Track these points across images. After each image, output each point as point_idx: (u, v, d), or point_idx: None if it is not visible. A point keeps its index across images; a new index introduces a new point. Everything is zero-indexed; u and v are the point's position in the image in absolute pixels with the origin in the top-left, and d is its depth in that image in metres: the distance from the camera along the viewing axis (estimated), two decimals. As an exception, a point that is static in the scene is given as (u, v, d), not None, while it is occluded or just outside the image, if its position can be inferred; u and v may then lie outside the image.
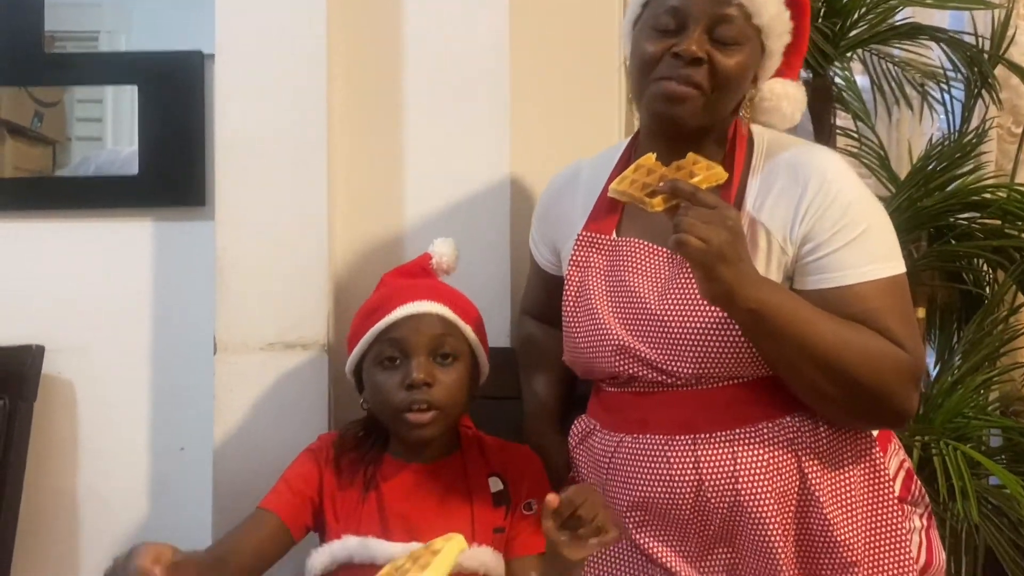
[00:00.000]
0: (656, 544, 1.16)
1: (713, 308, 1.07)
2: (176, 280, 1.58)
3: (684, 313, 1.12)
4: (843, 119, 2.22)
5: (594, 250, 1.23)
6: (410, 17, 1.50)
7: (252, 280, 1.43)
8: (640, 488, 1.15)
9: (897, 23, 2.05)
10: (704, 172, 1.04)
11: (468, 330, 1.22)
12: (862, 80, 2.30)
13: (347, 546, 1.16)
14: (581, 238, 1.24)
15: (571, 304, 1.23)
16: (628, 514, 1.17)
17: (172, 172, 1.60)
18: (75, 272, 1.58)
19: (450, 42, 1.50)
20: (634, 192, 1.04)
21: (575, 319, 1.22)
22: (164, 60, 1.60)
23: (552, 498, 1.00)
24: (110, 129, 1.70)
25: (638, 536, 1.17)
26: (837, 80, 2.17)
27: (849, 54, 2.08)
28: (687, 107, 1.10)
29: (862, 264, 1.08)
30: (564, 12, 1.54)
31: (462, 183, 1.50)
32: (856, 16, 1.96)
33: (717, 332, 1.10)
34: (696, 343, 1.11)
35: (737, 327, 1.07)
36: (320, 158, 1.44)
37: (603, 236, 1.23)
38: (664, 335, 1.13)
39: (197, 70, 1.59)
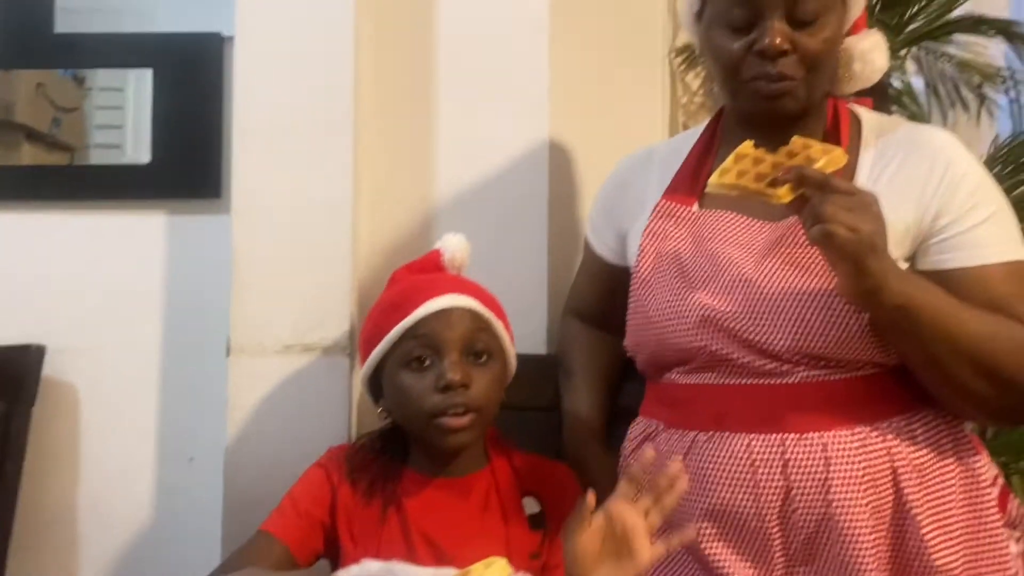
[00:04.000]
0: (733, 560, 1.04)
1: (819, 276, 1.00)
2: (188, 277, 1.48)
3: (786, 278, 1.03)
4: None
5: (673, 221, 1.13)
6: (443, -4, 1.41)
7: (269, 277, 1.33)
8: (718, 494, 1.04)
9: (955, 18, 1.93)
10: (822, 156, 0.96)
11: (500, 326, 1.12)
12: (915, 81, 2.20)
13: (368, 571, 1.04)
14: (660, 207, 1.15)
15: (644, 274, 1.13)
16: (701, 525, 1.05)
17: (186, 161, 1.51)
18: (80, 268, 1.48)
19: (485, 24, 1.40)
20: (747, 184, 0.95)
21: (648, 290, 1.12)
22: (181, 42, 1.52)
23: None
24: (130, 137, 1.57)
25: (711, 550, 1.05)
26: (894, 81, 2.04)
27: (904, 51, 1.96)
28: (787, 101, 1.04)
29: (1000, 243, 1.02)
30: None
31: (495, 175, 1.39)
32: (916, 8, 1.84)
33: (821, 301, 1.01)
34: (797, 309, 1.01)
35: (842, 301, 0.99)
36: (345, 146, 1.33)
37: (684, 207, 1.14)
38: (760, 300, 1.03)
39: (216, 53, 1.50)
